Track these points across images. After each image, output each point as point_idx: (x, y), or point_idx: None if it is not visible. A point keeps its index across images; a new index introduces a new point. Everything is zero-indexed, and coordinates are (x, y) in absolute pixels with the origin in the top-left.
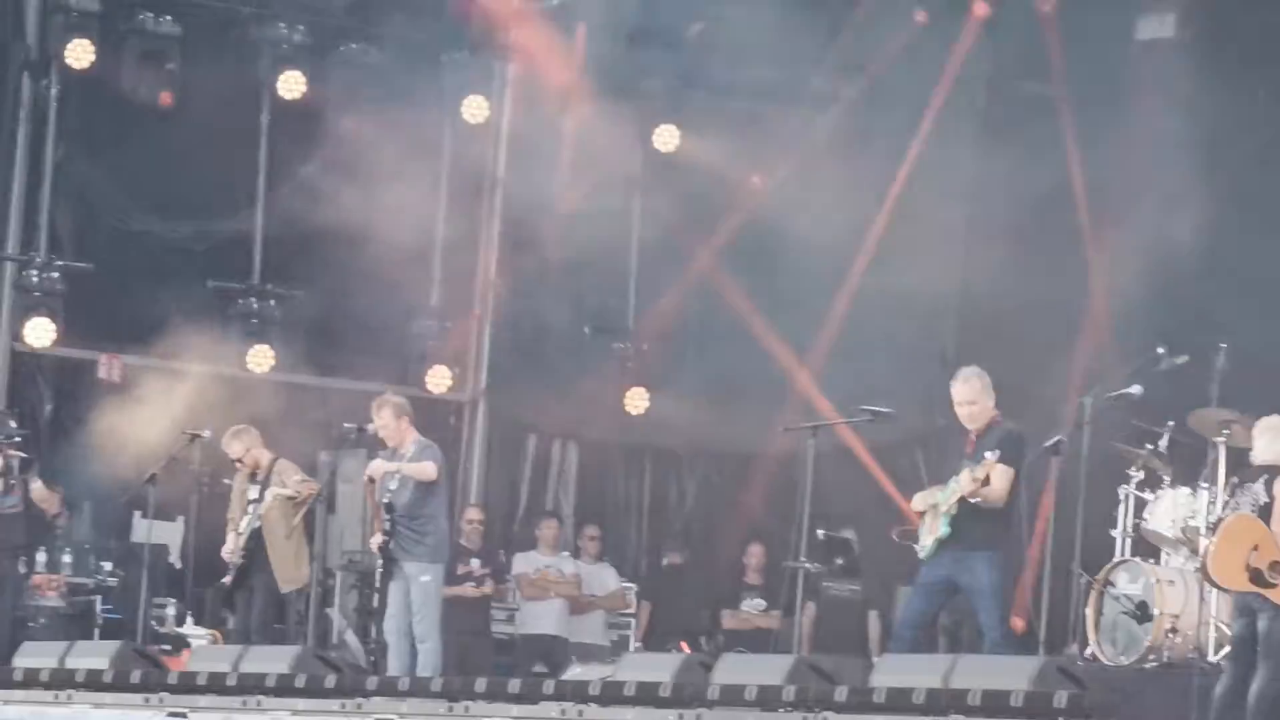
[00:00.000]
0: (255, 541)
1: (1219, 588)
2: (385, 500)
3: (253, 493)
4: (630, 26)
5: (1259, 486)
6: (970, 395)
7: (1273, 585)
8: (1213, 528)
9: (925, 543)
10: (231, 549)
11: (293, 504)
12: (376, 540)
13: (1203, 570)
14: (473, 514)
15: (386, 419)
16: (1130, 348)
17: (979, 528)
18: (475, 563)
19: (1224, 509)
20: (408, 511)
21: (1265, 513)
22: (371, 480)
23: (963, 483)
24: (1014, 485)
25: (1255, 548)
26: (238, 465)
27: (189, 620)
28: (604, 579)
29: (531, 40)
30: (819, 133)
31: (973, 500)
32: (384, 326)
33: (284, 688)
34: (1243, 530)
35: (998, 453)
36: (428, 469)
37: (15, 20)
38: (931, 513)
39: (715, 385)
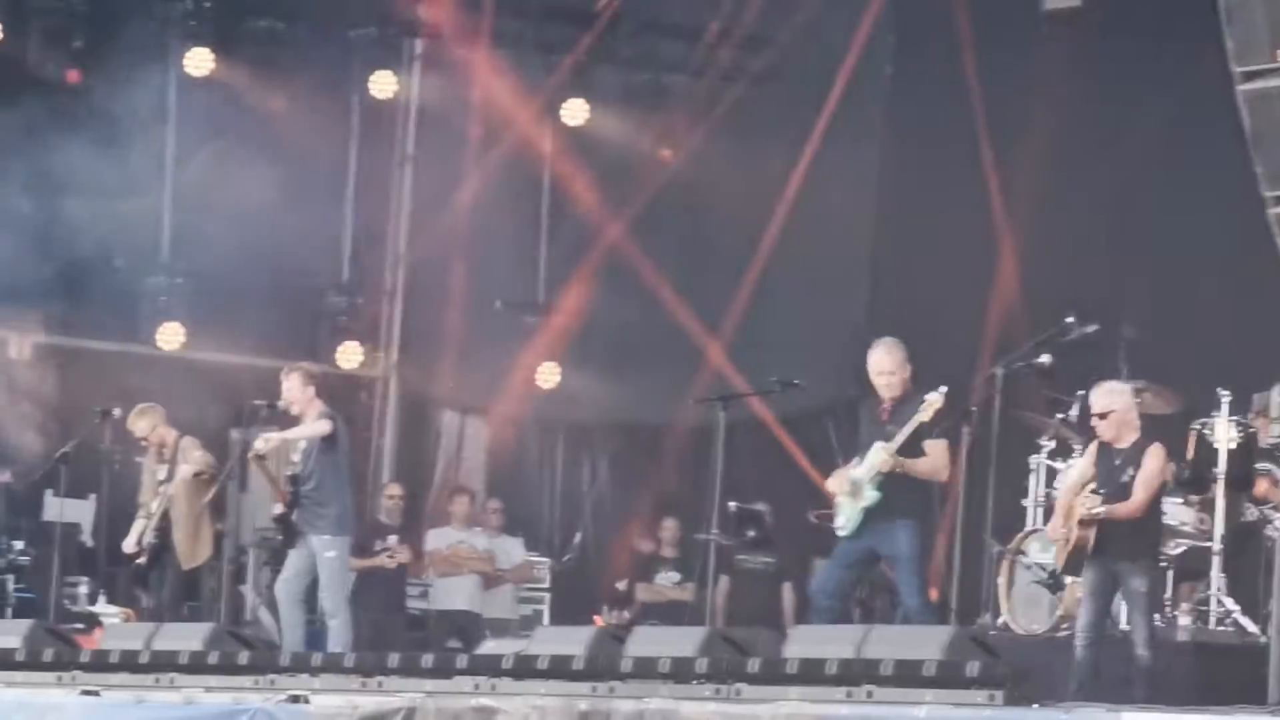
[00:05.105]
0: (167, 520)
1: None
2: (290, 473)
3: (161, 473)
4: (538, 0)
5: None
6: (892, 365)
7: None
8: None
9: (846, 517)
10: (136, 538)
11: (200, 482)
12: (276, 510)
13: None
14: (393, 490)
15: (294, 385)
16: (1040, 317)
17: (905, 496)
18: (393, 539)
19: None
20: (308, 482)
21: None
22: (261, 456)
23: (879, 459)
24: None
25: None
26: (143, 444)
27: (101, 599)
28: (509, 551)
29: (439, 15)
30: (727, 105)
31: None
32: (294, 303)
33: (197, 665)
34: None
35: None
36: (320, 426)
37: None
38: (852, 488)
39: (626, 358)
